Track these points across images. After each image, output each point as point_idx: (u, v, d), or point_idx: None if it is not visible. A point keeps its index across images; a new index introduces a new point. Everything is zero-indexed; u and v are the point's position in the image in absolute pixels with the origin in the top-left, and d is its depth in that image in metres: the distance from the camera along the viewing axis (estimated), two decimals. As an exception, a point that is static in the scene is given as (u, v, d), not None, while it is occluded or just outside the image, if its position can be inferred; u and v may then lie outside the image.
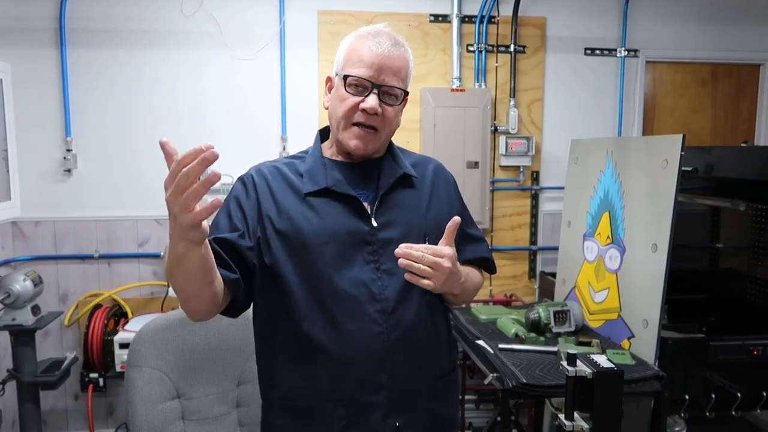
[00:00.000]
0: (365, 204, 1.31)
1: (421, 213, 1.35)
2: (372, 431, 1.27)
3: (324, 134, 1.43)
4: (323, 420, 1.28)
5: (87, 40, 3.04)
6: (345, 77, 1.27)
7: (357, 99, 1.27)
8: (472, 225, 1.51)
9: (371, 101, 1.26)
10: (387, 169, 1.35)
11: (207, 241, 1.10)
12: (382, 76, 1.26)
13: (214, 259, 1.16)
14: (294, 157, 1.41)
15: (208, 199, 3.03)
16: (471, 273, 1.43)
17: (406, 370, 1.28)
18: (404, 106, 1.37)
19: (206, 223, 1.03)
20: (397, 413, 1.28)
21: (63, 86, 3.02)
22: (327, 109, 1.36)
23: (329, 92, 1.36)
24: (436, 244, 1.28)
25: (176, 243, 1.05)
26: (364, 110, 1.26)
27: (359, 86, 1.27)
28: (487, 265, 1.54)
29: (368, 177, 1.35)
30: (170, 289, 2.88)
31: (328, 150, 1.39)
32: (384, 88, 1.27)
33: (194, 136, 3.14)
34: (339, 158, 1.36)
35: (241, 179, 1.37)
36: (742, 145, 3.42)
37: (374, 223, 1.29)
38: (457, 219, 1.24)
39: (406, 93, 1.32)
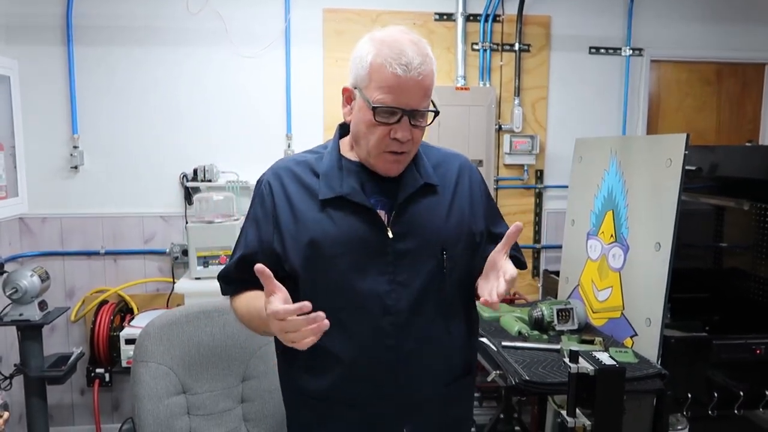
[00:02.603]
0: (382, 212, 1.26)
1: (440, 222, 1.29)
2: None
3: (344, 129, 1.36)
4: (336, 422, 1.30)
5: (94, 38, 3.05)
6: (374, 108, 1.18)
7: (387, 128, 1.20)
8: (500, 222, 1.44)
9: (404, 131, 1.19)
10: (407, 178, 1.29)
11: None
12: (413, 101, 1.18)
13: None
14: (311, 152, 1.36)
15: (213, 196, 3.02)
16: None
17: (418, 381, 1.27)
18: None
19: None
20: (407, 420, 1.28)
21: (70, 83, 3.04)
22: (348, 122, 1.29)
23: (348, 103, 1.29)
24: (453, 253, 1.28)
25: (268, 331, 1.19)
26: (395, 139, 1.20)
27: (388, 114, 1.19)
28: (515, 263, 1.45)
29: (388, 184, 1.29)
30: (176, 285, 2.90)
31: (348, 150, 1.33)
32: (416, 112, 1.20)
33: (199, 134, 3.16)
34: (357, 159, 1.31)
35: (258, 185, 1.34)
36: (747, 144, 3.41)
37: (390, 234, 1.25)
38: (518, 226, 1.18)
39: (437, 113, 1.24)
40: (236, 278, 1.34)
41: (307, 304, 1.07)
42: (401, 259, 1.25)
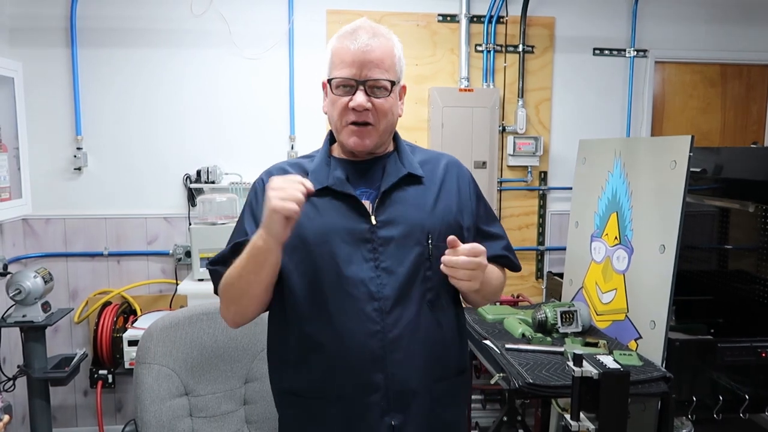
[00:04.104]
0: (366, 202, 1.30)
1: (425, 211, 1.32)
2: (369, 430, 1.27)
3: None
4: (323, 416, 1.29)
5: (97, 39, 3.06)
6: (330, 81, 1.29)
7: (346, 99, 1.27)
8: (491, 221, 1.46)
9: (358, 98, 1.26)
10: (391, 168, 1.34)
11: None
12: (364, 71, 1.26)
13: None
14: (304, 156, 1.43)
15: (217, 198, 3.01)
16: (490, 269, 1.37)
17: (404, 371, 1.27)
18: (404, 95, 1.38)
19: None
20: (394, 413, 1.27)
21: (73, 85, 3.05)
22: (326, 113, 1.37)
23: (326, 96, 1.36)
24: (439, 242, 1.28)
25: (263, 241, 1.18)
26: (353, 108, 1.27)
27: (346, 86, 1.27)
28: (506, 263, 1.48)
29: (372, 175, 1.34)
30: (179, 287, 2.90)
31: (337, 150, 1.40)
32: (369, 82, 1.26)
33: (202, 135, 3.16)
34: (344, 156, 1.37)
35: (254, 184, 1.40)
36: (752, 146, 3.40)
37: (374, 221, 1.28)
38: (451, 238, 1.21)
39: (393, 83, 1.30)
40: (222, 273, 1.31)
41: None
42: (385, 245, 1.27)
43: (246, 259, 1.24)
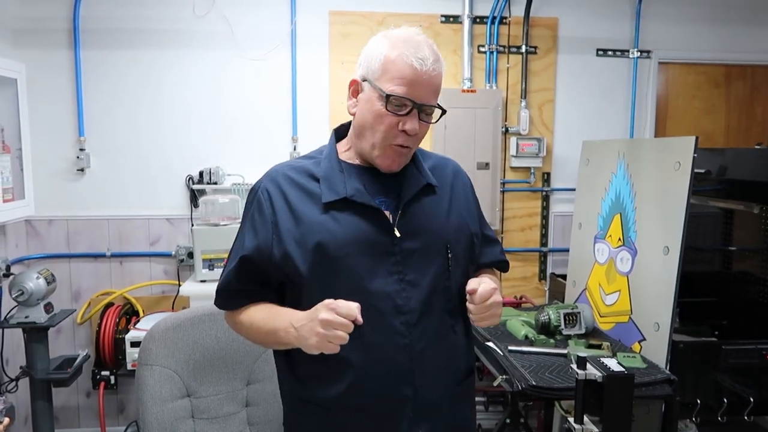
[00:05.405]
0: (387, 213, 1.26)
1: (442, 220, 1.31)
2: None
3: (339, 133, 1.37)
4: (348, 428, 1.27)
5: (101, 41, 3.06)
6: (387, 96, 1.20)
7: (396, 119, 1.21)
8: (487, 225, 1.48)
9: (413, 123, 1.21)
10: (410, 178, 1.30)
11: None
12: (424, 95, 1.21)
13: None
14: (306, 157, 1.35)
15: (219, 199, 3.01)
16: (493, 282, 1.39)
17: (430, 380, 1.26)
18: None
19: None
20: (422, 422, 1.27)
21: (76, 86, 3.05)
22: (352, 115, 1.29)
23: (354, 96, 1.29)
24: (456, 251, 1.29)
25: (289, 340, 1.21)
26: (404, 131, 1.22)
27: (400, 105, 1.21)
28: (503, 267, 1.52)
29: (389, 184, 1.29)
30: (181, 288, 2.90)
31: (344, 152, 1.33)
32: (425, 108, 1.23)
33: (205, 136, 3.16)
34: (356, 162, 1.31)
35: (255, 192, 1.31)
36: (756, 147, 3.38)
37: (397, 234, 1.25)
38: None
39: (444, 111, 1.27)
40: (236, 289, 1.32)
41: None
42: (409, 258, 1.25)
43: (265, 333, 1.26)
